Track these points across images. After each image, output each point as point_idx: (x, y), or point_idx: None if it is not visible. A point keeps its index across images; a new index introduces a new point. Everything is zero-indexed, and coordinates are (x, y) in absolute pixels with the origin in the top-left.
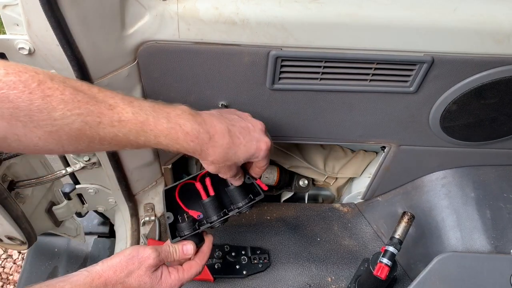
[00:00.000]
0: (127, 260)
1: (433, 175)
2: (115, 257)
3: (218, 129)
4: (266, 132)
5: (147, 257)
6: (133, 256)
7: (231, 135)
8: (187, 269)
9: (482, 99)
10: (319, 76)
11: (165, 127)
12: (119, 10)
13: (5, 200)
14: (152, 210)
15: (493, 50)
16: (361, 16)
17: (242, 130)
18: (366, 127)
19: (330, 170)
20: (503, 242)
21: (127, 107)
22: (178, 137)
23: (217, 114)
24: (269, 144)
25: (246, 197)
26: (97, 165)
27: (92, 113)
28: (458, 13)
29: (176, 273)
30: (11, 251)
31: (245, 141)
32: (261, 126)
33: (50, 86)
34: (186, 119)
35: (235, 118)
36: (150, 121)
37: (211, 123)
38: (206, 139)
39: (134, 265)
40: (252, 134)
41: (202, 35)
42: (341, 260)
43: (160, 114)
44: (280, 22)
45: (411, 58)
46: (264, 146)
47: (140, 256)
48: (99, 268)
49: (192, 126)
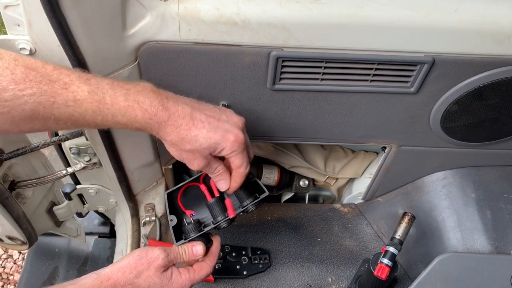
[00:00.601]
0: (135, 261)
1: (433, 175)
2: (124, 259)
3: (180, 108)
4: (243, 130)
5: (156, 257)
6: (141, 257)
7: (192, 118)
8: (198, 270)
9: (483, 100)
10: (319, 76)
11: (122, 105)
12: (120, 11)
13: (6, 200)
14: (152, 210)
15: (494, 51)
16: (362, 16)
17: (209, 117)
18: (367, 128)
19: (330, 171)
20: (504, 242)
21: (83, 85)
22: (136, 115)
23: (189, 100)
24: (240, 138)
25: (250, 195)
26: (97, 165)
27: (46, 92)
28: (459, 13)
29: (187, 273)
30: (11, 251)
31: (209, 127)
32: (237, 120)
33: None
34: (146, 96)
35: (209, 107)
36: (107, 99)
37: (174, 102)
38: (165, 117)
39: (143, 266)
40: (222, 123)
41: (203, 35)
42: (341, 261)
43: (118, 91)
44: (281, 23)
45: (412, 59)
46: (232, 138)
47: (149, 257)
48: (108, 271)
49: (152, 103)
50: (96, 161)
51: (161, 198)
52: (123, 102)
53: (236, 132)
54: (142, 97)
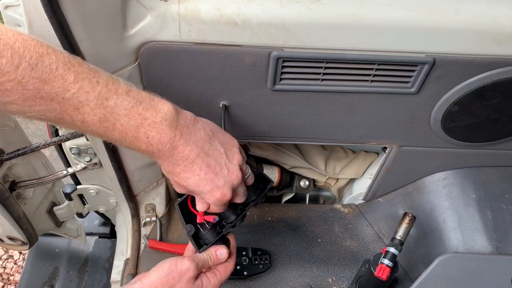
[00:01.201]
0: (166, 275)
1: (434, 176)
2: (152, 272)
3: (188, 150)
4: (237, 188)
5: (187, 269)
6: (172, 271)
7: (193, 162)
8: (224, 271)
9: (484, 100)
10: (320, 77)
11: (130, 135)
12: (120, 11)
13: (6, 201)
14: (153, 211)
15: (495, 51)
16: (362, 16)
17: (209, 168)
18: (367, 128)
19: (331, 171)
20: (505, 243)
21: (97, 109)
22: (140, 146)
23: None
24: (226, 198)
25: (257, 188)
26: (98, 165)
27: (54, 111)
28: (459, 14)
29: (215, 276)
30: (12, 252)
31: (204, 177)
32: (235, 178)
33: (12, 77)
34: (159, 131)
35: (218, 153)
36: (116, 128)
37: (185, 140)
38: (168, 155)
39: (174, 280)
40: (218, 178)
41: (203, 35)
42: (342, 261)
43: (133, 120)
44: (281, 23)
45: (412, 59)
46: (218, 195)
47: (179, 270)
48: (137, 287)
49: (161, 140)
50: (97, 161)
51: (162, 198)
52: (132, 133)
53: (225, 192)
54: (155, 131)
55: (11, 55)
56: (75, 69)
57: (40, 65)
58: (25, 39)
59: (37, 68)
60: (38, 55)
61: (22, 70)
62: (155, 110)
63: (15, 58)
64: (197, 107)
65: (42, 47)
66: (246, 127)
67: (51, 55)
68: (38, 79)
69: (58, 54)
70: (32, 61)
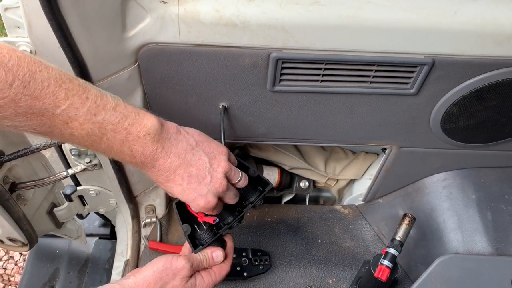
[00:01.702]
0: (160, 272)
1: (434, 177)
2: (147, 268)
3: (169, 162)
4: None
5: (182, 268)
6: (166, 268)
7: (175, 173)
8: (219, 272)
9: (483, 101)
10: (319, 78)
11: (115, 149)
12: (120, 13)
13: (6, 202)
14: (153, 212)
15: (494, 52)
16: (362, 18)
17: (192, 177)
18: (367, 129)
19: (331, 172)
20: (504, 244)
21: (86, 124)
22: (124, 158)
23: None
24: (210, 205)
25: (256, 190)
26: (98, 166)
27: (45, 125)
28: (458, 15)
29: (209, 276)
30: (12, 253)
31: (186, 187)
32: (218, 186)
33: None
34: (142, 145)
35: (201, 162)
36: (103, 141)
37: (166, 152)
38: (150, 166)
39: (168, 277)
40: (201, 187)
41: (202, 37)
42: (342, 262)
43: (119, 134)
44: (280, 24)
45: (412, 60)
46: (202, 203)
47: (174, 267)
48: (131, 282)
49: (144, 153)
50: (97, 162)
51: (162, 199)
52: (117, 146)
53: (209, 199)
54: (138, 145)
55: (5, 73)
56: (66, 86)
57: (33, 83)
58: (19, 57)
59: (30, 86)
60: (31, 73)
61: (15, 88)
62: (140, 124)
63: (9, 76)
64: (197, 108)
65: (35, 65)
66: (246, 128)
67: (43, 72)
68: (30, 96)
69: (50, 71)
70: (25, 79)
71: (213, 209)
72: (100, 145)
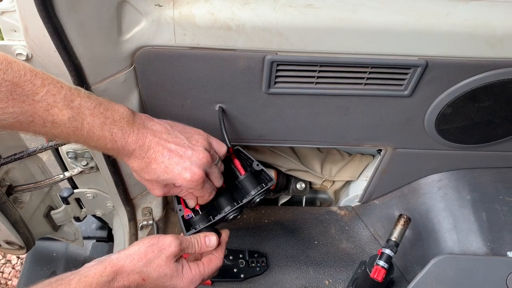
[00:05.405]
0: (146, 248)
1: (429, 177)
2: (133, 245)
3: (147, 141)
4: (207, 167)
5: (168, 244)
6: (152, 244)
7: (155, 151)
8: (207, 263)
9: (477, 102)
10: (314, 80)
11: (96, 134)
12: (115, 16)
13: (3, 205)
14: (150, 214)
15: (487, 54)
16: (356, 20)
17: (172, 152)
18: (362, 131)
19: (327, 174)
20: (499, 244)
21: (65, 109)
22: (106, 144)
23: (163, 126)
24: (197, 177)
25: (257, 185)
26: (95, 169)
27: (26, 113)
28: (451, 17)
29: (197, 267)
30: (9, 256)
31: (169, 162)
32: (202, 157)
33: None
34: (120, 127)
35: (179, 138)
36: (84, 127)
37: (143, 134)
38: (131, 150)
39: (153, 253)
40: (183, 160)
41: (198, 40)
42: (338, 263)
43: (97, 119)
44: (275, 27)
45: (405, 62)
46: (188, 176)
47: (161, 244)
48: (114, 257)
49: (123, 136)
50: (93, 165)
51: (158, 202)
52: (98, 131)
53: (195, 171)
54: (116, 128)
55: None
56: (41, 76)
57: (10, 70)
58: None
59: (8, 73)
60: (7, 62)
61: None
62: (113, 110)
63: None
64: (193, 110)
65: (9, 57)
66: (242, 130)
67: (18, 63)
68: (10, 82)
69: (24, 64)
70: (3, 66)
71: (202, 184)
72: (82, 131)
